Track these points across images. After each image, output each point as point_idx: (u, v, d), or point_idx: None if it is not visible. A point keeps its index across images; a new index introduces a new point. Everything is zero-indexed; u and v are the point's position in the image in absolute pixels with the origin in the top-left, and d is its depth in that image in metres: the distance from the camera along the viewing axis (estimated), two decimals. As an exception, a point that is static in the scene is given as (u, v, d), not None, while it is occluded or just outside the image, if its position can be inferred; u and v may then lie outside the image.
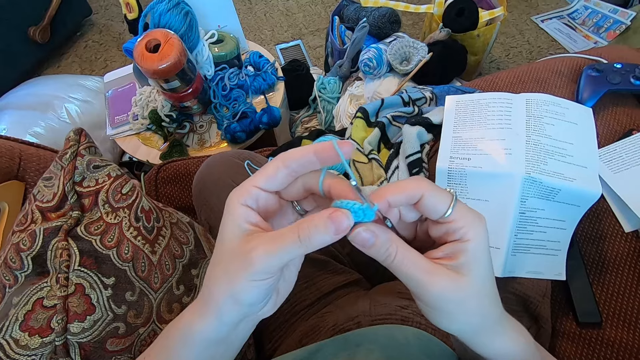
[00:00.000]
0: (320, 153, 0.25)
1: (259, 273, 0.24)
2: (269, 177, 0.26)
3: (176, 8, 0.86)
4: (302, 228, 0.24)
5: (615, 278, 0.61)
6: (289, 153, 0.26)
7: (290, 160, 0.26)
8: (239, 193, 0.26)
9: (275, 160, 0.26)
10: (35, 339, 0.35)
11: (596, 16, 1.55)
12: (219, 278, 0.26)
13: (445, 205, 0.25)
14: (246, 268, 0.24)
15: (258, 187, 0.26)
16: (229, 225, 0.26)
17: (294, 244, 0.24)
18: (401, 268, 0.26)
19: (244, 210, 0.26)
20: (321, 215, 0.24)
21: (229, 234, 0.26)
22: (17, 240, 0.40)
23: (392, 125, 0.79)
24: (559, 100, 0.60)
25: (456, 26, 1.13)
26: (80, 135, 0.46)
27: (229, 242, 0.26)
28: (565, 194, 0.54)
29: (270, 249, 0.24)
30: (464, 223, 0.26)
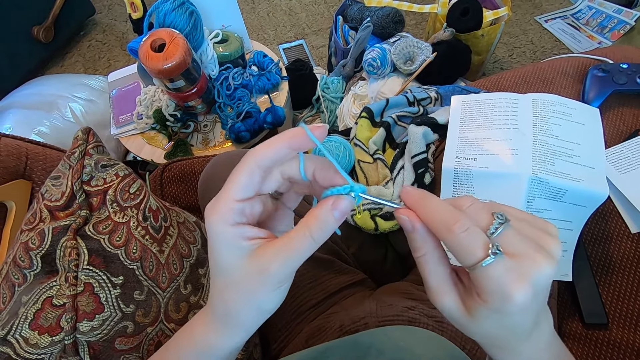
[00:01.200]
0: (294, 144, 0.24)
1: (280, 282, 0.24)
2: (244, 185, 0.24)
3: (181, 8, 0.86)
4: (312, 227, 0.23)
5: (621, 279, 0.61)
6: (261, 152, 0.24)
7: (263, 160, 0.24)
8: (221, 214, 0.24)
9: (247, 163, 0.24)
10: (45, 337, 0.35)
11: (600, 16, 1.54)
12: (239, 298, 0.25)
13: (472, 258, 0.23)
14: (266, 282, 0.24)
15: (238, 200, 0.24)
16: (224, 251, 0.24)
17: (309, 244, 0.23)
18: (421, 267, 0.26)
19: (237, 230, 0.24)
20: (325, 207, 0.23)
21: (230, 260, 0.24)
22: (26, 239, 0.40)
23: (397, 125, 0.79)
24: (566, 101, 0.60)
25: (460, 26, 1.13)
26: (89, 135, 0.46)
27: (234, 267, 0.24)
28: (572, 194, 0.54)
29: (286, 258, 0.24)
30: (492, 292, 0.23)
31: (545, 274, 0.23)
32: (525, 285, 0.22)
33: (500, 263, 0.22)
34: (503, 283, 0.22)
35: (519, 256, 0.23)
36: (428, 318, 0.49)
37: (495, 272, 0.22)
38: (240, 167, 0.24)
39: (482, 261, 0.22)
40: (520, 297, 0.22)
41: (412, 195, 0.25)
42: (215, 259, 0.25)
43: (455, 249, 0.23)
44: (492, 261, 0.22)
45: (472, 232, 0.23)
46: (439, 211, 0.24)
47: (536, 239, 0.24)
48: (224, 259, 0.25)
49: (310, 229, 0.23)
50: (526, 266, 0.22)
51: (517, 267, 0.22)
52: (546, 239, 0.24)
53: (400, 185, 0.70)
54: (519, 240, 0.23)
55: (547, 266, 0.23)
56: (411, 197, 0.25)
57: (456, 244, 0.23)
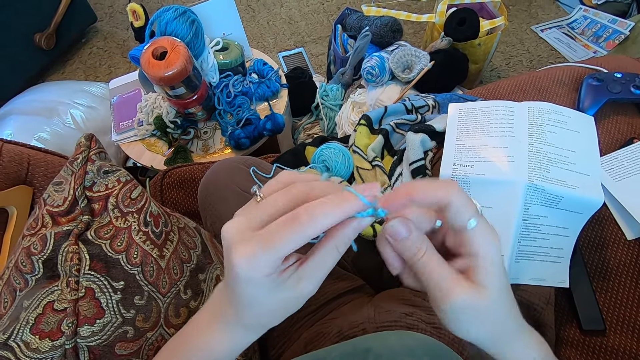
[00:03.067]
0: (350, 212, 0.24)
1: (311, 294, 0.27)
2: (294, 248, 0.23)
3: (182, 16, 0.88)
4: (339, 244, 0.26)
5: (618, 285, 0.61)
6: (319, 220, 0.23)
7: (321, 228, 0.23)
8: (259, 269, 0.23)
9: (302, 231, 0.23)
10: (46, 342, 0.36)
11: (595, 26, 1.57)
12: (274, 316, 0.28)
13: (470, 216, 0.26)
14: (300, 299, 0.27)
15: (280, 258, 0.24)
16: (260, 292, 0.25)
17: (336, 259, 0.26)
18: (425, 269, 0.27)
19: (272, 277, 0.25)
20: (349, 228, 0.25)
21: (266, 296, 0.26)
22: (28, 244, 0.40)
23: (395, 133, 0.80)
24: (561, 109, 0.61)
25: (457, 35, 1.15)
26: (91, 141, 0.46)
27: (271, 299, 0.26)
28: (568, 201, 0.54)
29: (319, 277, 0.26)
30: (483, 239, 0.26)
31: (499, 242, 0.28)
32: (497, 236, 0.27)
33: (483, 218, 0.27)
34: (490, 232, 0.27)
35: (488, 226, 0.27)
36: (426, 324, 0.50)
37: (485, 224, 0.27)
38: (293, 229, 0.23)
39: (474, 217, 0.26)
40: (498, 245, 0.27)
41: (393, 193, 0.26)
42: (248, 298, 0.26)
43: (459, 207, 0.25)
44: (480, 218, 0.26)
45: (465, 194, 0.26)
46: (433, 184, 0.26)
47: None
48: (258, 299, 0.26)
49: (338, 247, 0.26)
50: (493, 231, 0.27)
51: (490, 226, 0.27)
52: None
53: (399, 191, 0.70)
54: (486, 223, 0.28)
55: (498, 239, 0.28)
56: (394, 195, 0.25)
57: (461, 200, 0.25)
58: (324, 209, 0.23)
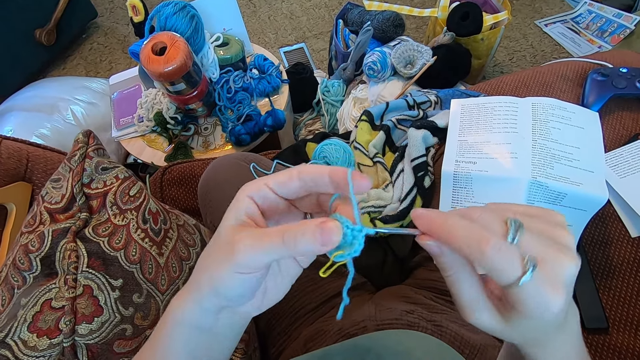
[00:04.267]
0: (333, 177, 0.25)
1: (239, 265, 0.24)
2: (280, 182, 0.26)
3: (182, 11, 0.87)
4: (288, 231, 0.23)
5: (621, 283, 0.61)
6: (305, 167, 0.26)
7: (305, 174, 0.26)
8: (250, 187, 0.27)
9: (292, 169, 0.27)
10: (44, 340, 0.35)
11: (600, 20, 1.55)
12: (205, 265, 0.26)
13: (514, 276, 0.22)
14: (228, 258, 0.24)
15: (268, 186, 0.27)
16: (228, 214, 0.26)
17: (277, 245, 0.23)
18: (451, 286, 0.26)
19: (248, 202, 0.26)
20: (312, 222, 0.22)
21: (226, 223, 0.26)
22: (26, 242, 0.40)
23: (397, 129, 0.79)
24: (565, 105, 0.60)
25: (460, 30, 1.13)
26: (89, 137, 0.46)
27: (224, 231, 0.26)
28: (572, 198, 0.54)
29: (254, 243, 0.23)
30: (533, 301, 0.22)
31: (572, 272, 0.23)
32: (561, 290, 0.22)
33: (535, 277, 0.22)
34: (541, 295, 0.22)
35: (545, 261, 0.22)
36: (427, 322, 0.49)
37: (533, 287, 0.22)
38: (287, 170, 0.27)
39: (520, 279, 0.22)
40: (558, 304, 0.22)
41: (425, 217, 0.24)
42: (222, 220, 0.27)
43: (490, 270, 0.22)
44: (529, 277, 0.22)
45: (506, 251, 0.22)
46: (463, 232, 0.22)
47: (551, 235, 0.23)
48: (223, 221, 0.26)
49: (286, 232, 0.22)
50: (556, 271, 0.22)
51: (549, 274, 0.22)
52: (560, 233, 0.24)
53: (400, 188, 0.70)
54: (537, 242, 0.23)
55: (572, 264, 0.23)
56: (426, 221, 0.24)
57: (491, 264, 0.22)
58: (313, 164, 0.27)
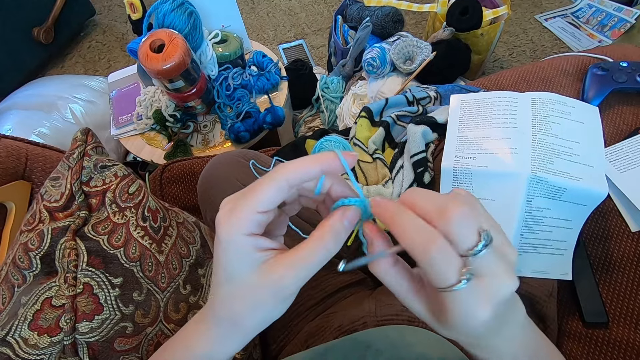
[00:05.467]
0: (325, 167, 0.24)
1: (292, 294, 0.25)
2: (270, 199, 0.24)
3: (180, 8, 0.86)
4: (327, 239, 0.24)
5: (621, 278, 0.61)
6: (293, 170, 0.24)
7: (294, 179, 0.24)
8: (239, 224, 0.24)
9: (276, 178, 0.24)
10: (44, 338, 0.35)
11: (600, 14, 1.54)
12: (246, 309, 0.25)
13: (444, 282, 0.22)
14: (278, 295, 0.24)
15: (260, 211, 0.24)
16: (235, 261, 0.24)
17: (324, 256, 0.24)
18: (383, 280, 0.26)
19: (251, 240, 0.24)
20: (336, 218, 0.24)
21: (241, 271, 0.24)
22: (25, 240, 0.40)
23: (396, 125, 0.79)
24: (565, 99, 0.60)
25: (460, 25, 1.13)
26: (87, 135, 0.46)
27: (244, 277, 0.24)
28: (572, 193, 0.53)
29: (301, 270, 0.24)
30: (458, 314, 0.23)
31: (509, 292, 0.23)
32: (489, 306, 0.22)
33: (470, 287, 0.22)
34: (469, 306, 0.22)
35: (489, 277, 0.22)
36: (427, 317, 0.49)
37: (463, 296, 0.22)
38: (268, 180, 0.24)
39: (454, 286, 0.22)
40: (483, 317, 0.22)
41: (384, 208, 0.24)
42: (224, 267, 0.25)
43: (428, 270, 0.22)
44: (462, 287, 0.22)
45: (448, 256, 0.22)
46: (414, 229, 0.22)
47: (504, 253, 0.23)
48: (233, 269, 0.25)
49: (325, 241, 0.24)
50: (493, 288, 0.22)
51: (484, 289, 0.22)
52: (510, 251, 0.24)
53: (400, 184, 0.70)
54: (495, 262, 0.23)
55: (511, 284, 0.23)
56: (383, 211, 0.24)
57: (430, 266, 0.22)
58: (298, 161, 0.24)
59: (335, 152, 0.24)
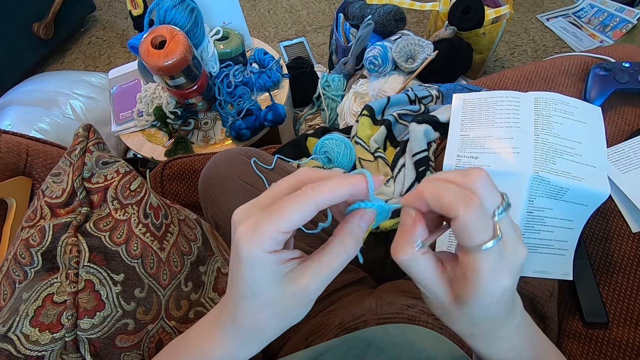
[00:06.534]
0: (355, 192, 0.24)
1: (316, 297, 0.25)
2: (297, 222, 0.23)
3: (182, 4, 0.86)
4: (347, 243, 0.24)
5: (622, 278, 0.61)
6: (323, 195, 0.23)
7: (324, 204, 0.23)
8: (262, 242, 0.23)
9: (306, 202, 0.23)
10: (46, 334, 0.35)
11: (602, 15, 1.54)
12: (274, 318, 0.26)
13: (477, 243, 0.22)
14: (304, 301, 0.25)
15: (284, 232, 0.23)
16: (259, 276, 0.24)
17: (345, 260, 0.25)
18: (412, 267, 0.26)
19: (274, 256, 0.24)
20: (354, 221, 0.25)
21: (266, 284, 0.24)
22: (27, 236, 0.40)
23: (398, 123, 0.79)
24: (568, 99, 0.60)
25: (462, 24, 1.13)
26: (89, 132, 0.45)
27: (269, 290, 0.25)
28: (574, 193, 0.53)
29: (325, 276, 0.25)
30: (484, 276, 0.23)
31: (522, 260, 0.24)
32: (511, 271, 0.24)
33: (497, 248, 0.23)
34: (495, 268, 0.23)
35: (509, 242, 0.24)
36: (428, 316, 0.49)
37: (492, 257, 0.23)
38: (296, 202, 0.23)
39: (485, 244, 0.22)
40: (507, 282, 0.23)
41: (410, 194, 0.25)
42: (246, 283, 0.25)
43: (466, 227, 0.22)
44: (493, 245, 0.22)
45: (484, 213, 0.23)
46: (450, 191, 0.23)
47: (517, 227, 0.25)
48: (257, 284, 0.24)
49: (345, 245, 0.24)
50: (512, 253, 0.24)
51: (507, 255, 0.23)
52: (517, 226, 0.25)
53: (401, 183, 0.70)
54: (511, 227, 0.24)
55: (525, 253, 0.24)
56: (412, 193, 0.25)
57: (469, 222, 0.22)
58: (328, 183, 0.23)
59: (364, 175, 0.24)
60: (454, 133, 0.62)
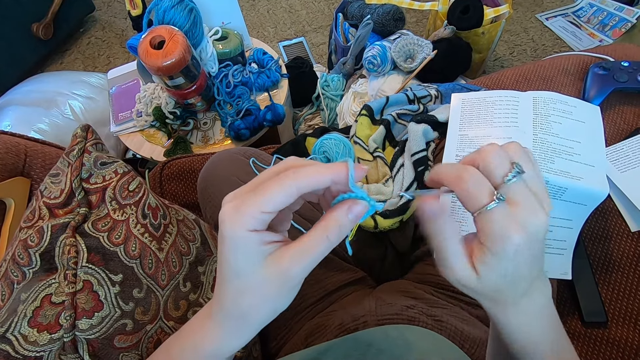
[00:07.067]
0: (336, 179, 0.25)
1: (298, 283, 0.26)
2: (278, 203, 0.24)
3: (180, 4, 0.86)
4: (330, 229, 0.25)
5: (621, 278, 0.61)
6: (305, 179, 0.24)
7: (305, 187, 0.24)
8: (244, 221, 0.24)
9: (287, 183, 0.24)
10: (44, 335, 0.35)
11: (601, 14, 1.54)
12: (255, 302, 0.26)
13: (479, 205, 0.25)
14: (285, 285, 0.25)
15: (266, 212, 0.24)
16: (241, 256, 0.25)
17: (326, 246, 0.25)
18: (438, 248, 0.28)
19: (256, 236, 0.24)
20: (341, 210, 0.25)
21: (247, 265, 0.25)
22: (25, 237, 0.40)
23: (397, 123, 0.79)
24: (567, 99, 0.60)
25: (461, 24, 1.12)
26: (87, 132, 0.45)
27: (251, 272, 0.25)
28: (572, 192, 0.53)
29: (306, 260, 0.25)
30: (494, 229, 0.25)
31: (538, 224, 0.25)
32: (522, 229, 0.25)
33: (502, 208, 0.25)
34: (503, 226, 0.25)
35: (520, 205, 0.25)
36: (427, 317, 0.49)
37: (497, 215, 0.25)
38: (277, 183, 0.24)
39: (487, 205, 0.25)
40: (517, 238, 0.24)
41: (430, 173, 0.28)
42: (230, 264, 0.25)
43: (464, 196, 0.26)
44: (495, 205, 0.25)
45: (480, 181, 0.25)
46: (451, 168, 0.27)
47: (538, 194, 0.26)
48: (240, 264, 0.25)
49: (328, 231, 0.25)
50: (524, 214, 0.25)
51: (517, 214, 0.25)
52: (544, 197, 0.27)
53: (400, 183, 0.70)
54: (525, 192, 0.26)
55: (542, 217, 0.25)
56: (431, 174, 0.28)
57: (465, 191, 0.25)
58: (310, 168, 0.24)
59: (347, 163, 0.25)
60: (452, 133, 0.62)
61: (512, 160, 0.26)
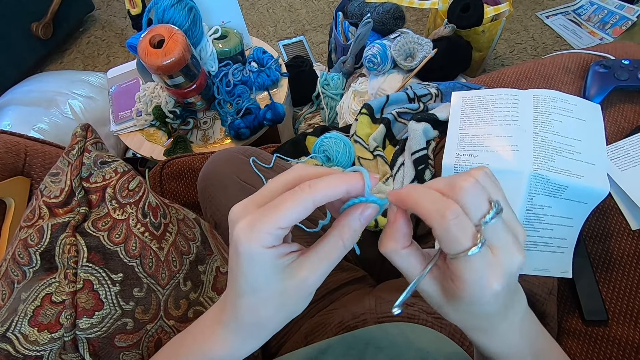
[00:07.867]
0: (352, 189, 0.24)
1: (314, 291, 0.26)
2: (295, 218, 0.23)
3: (180, 3, 0.86)
4: (345, 235, 0.25)
5: (621, 276, 0.61)
6: (320, 192, 0.23)
7: (321, 200, 0.24)
8: (261, 238, 0.23)
9: (303, 197, 0.23)
10: (45, 334, 0.35)
11: (602, 12, 1.53)
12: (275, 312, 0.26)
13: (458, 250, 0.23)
14: (304, 294, 0.26)
15: (283, 227, 0.23)
16: (259, 271, 0.24)
17: (342, 252, 0.25)
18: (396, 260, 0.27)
19: (273, 252, 0.24)
20: (354, 216, 0.25)
21: (266, 279, 0.25)
22: (25, 236, 0.40)
23: (397, 122, 0.79)
24: (567, 97, 0.59)
25: (461, 22, 1.12)
26: (87, 131, 0.45)
27: (269, 285, 0.25)
28: (573, 191, 0.53)
29: (323, 268, 0.25)
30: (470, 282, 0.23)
31: (518, 264, 0.24)
32: (501, 277, 0.23)
33: (482, 254, 0.23)
34: (482, 275, 0.23)
35: (500, 249, 0.23)
36: (427, 315, 0.49)
37: (477, 264, 0.23)
38: (293, 198, 0.23)
39: (468, 251, 0.22)
40: (496, 287, 0.23)
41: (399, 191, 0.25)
42: (247, 279, 0.25)
43: (443, 236, 0.23)
44: (476, 252, 0.22)
45: (463, 221, 0.23)
46: (430, 199, 0.23)
47: (514, 229, 0.25)
48: (258, 279, 0.25)
49: (343, 237, 0.25)
50: (505, 259, 0.23)
51: (497, 259, 0.23)
52: (520, 230, 0.25)
53: (401, 181, 0.70)
54: (505, 233, 0.24)
55: (520, 257, 0.24)
56: (399, 192, 0.25)
57: (446, 231, 0.22)
58: (325, 180, 0.24)
59: (361, 173, 0.25)
60: (453, 131, 0.62)
61: (489, 197, 0.24)
